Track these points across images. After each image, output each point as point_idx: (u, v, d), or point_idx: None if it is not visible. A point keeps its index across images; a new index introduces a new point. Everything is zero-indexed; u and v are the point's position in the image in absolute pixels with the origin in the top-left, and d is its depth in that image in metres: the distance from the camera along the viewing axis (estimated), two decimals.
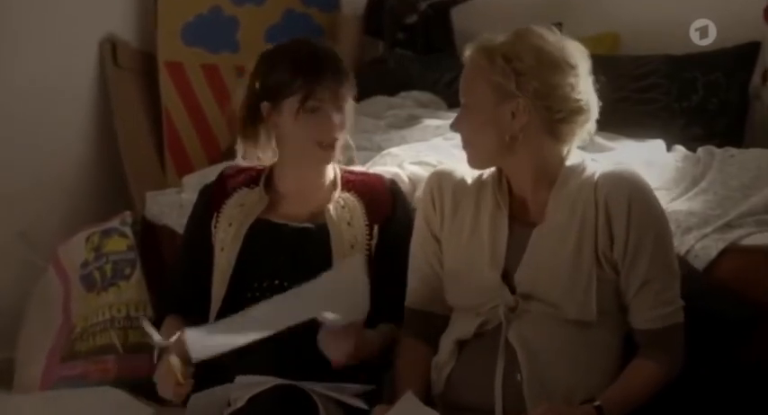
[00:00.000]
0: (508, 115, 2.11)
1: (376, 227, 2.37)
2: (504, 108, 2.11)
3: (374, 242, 2.37)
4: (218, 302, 2.34)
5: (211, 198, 2.45)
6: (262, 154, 2.43)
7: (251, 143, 2.42)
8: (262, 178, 2.45)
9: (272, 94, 2.34)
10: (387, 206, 2.40)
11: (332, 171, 2.43)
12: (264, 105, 2.36)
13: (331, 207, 2.38)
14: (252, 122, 2.40)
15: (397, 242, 2.32)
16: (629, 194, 2.09)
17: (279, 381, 2.08)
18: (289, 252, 2.33)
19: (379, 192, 2.42)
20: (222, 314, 2.29)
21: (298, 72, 2.31)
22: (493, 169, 2.24)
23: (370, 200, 2.40)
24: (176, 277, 2.48)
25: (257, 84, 2.37)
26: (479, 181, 2.24)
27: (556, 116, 2.12)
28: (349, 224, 2.36)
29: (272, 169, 2.46)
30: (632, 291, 2.10)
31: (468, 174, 2.25)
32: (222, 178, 2.49)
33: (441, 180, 2.26)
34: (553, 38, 2.14)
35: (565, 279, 2.08)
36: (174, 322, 2.37)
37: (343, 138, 2.37)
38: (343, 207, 2.38)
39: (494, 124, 2.12)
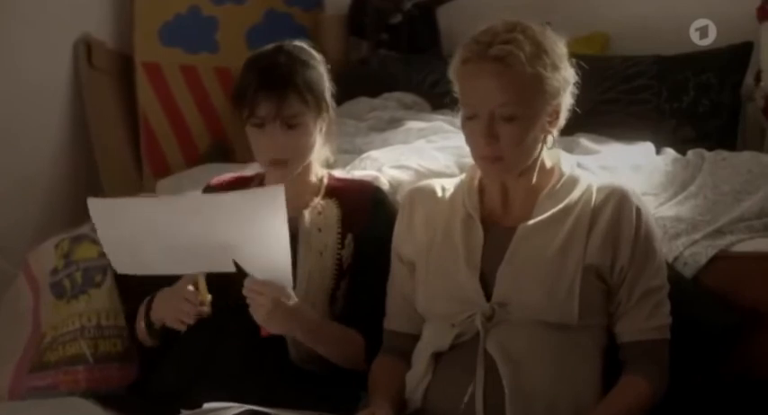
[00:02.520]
0: (547, 117, 2.04)
1: (350, 236, 2.32)
2: (548, 109, 2.04)
3: (347, 251, 2.32)
4: None
5: None
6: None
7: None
8: (253, 184, 2.42)
9: (237, 102, 2.30)
10: (365, 215, 2.34)
11: (315, 177, 2.39)
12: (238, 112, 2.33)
13: (307, 212, 2.33)
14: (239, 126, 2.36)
15: (372, 252, 2.29)
16: (635, 207, 2.07)
17: (247, 407, 2.01)
18: None
19: (360, 201, 2.36)
20: None
21: (248, 85, 2.26)
22: (463, 175, 2.19)
23: (349, 209, 2.35)
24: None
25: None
26: (451, 188, 2.19)
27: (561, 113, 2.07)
28: (320, 230, 2.32)
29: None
30: (633, 300, 2.05)
31: (441, 184, 2.21)
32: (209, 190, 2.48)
33: (413, 197, 2.23)
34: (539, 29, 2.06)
35: (547, 279, 2.02)
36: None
37: (302, 155, 2.30)
38: (319, 214, 2.34)
39: (541, 129, 2.05)
